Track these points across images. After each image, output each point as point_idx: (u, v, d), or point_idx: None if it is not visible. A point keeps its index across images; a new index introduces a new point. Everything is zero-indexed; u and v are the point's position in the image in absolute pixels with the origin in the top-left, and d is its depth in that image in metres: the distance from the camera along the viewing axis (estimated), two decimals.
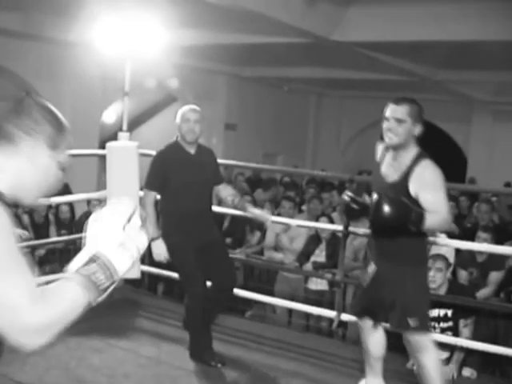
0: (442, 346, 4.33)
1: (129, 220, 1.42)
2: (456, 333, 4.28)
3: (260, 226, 6.64)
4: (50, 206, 7.37)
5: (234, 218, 6.43)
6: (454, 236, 6.03)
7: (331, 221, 6.03)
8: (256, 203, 6.86)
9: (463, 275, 5.27)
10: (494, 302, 5.01)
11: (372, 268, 3.37)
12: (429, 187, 3.04)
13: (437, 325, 4.34)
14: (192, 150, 4.13)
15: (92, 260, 1.36)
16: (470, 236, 5.53)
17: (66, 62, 9.97)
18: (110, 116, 12.33)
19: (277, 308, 5.94)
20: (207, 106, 13.22)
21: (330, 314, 4.74)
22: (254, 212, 4.33)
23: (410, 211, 2.94)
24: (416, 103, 3.17)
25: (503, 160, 14.36)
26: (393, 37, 8.21)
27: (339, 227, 4.82)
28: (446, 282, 4.40)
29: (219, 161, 4.52)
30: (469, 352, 4.20)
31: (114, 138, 5.46)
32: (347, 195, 3.36)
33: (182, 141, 4.12)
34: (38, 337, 1.27)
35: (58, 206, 7.33)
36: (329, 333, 5.57)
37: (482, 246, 4.93)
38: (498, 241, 5.39)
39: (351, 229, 4.61)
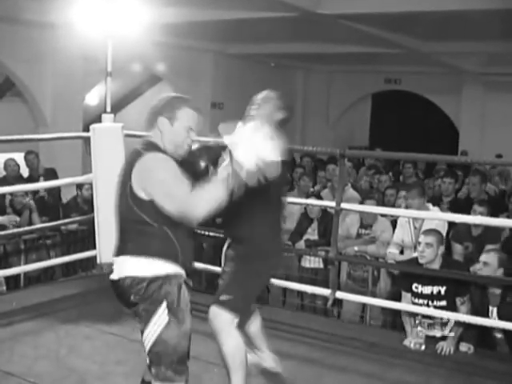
0: (439, 323, 4.30)
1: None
2: (451, 311, 4.19)
3: None
4: (35, 192, 7.23)
5: None
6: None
7: (321, 199, 5.94)
8: None
9: (458, 249, 5.18)
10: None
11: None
12: None
13: (430, 303, 4.27)
14: None
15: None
16: (463, 208, 5.45)
17: (47, 44, 9.74)
18: (93, 98, 12.14)
19: (270, 287, 5.87)
20: (192, 84, 13.07)
21: (325, 292, 4.66)
22: None
23: None
24: None
25: (495, 132, 14.23)
26: (378, 8, 8.09)
27: (332, 204, 4.73)
28: (438, 258, 4.28)
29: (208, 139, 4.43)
30: (466, 327, 4.14)
31: (98, 120, 5.34)
32: None
33: None
34: (200, 211, 2.35)
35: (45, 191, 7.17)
36: (324, 311, 5.51)
37: (477, 219, 4.84)
38: (493, 213, 5.31)
39: (343, 205, 4.54)
